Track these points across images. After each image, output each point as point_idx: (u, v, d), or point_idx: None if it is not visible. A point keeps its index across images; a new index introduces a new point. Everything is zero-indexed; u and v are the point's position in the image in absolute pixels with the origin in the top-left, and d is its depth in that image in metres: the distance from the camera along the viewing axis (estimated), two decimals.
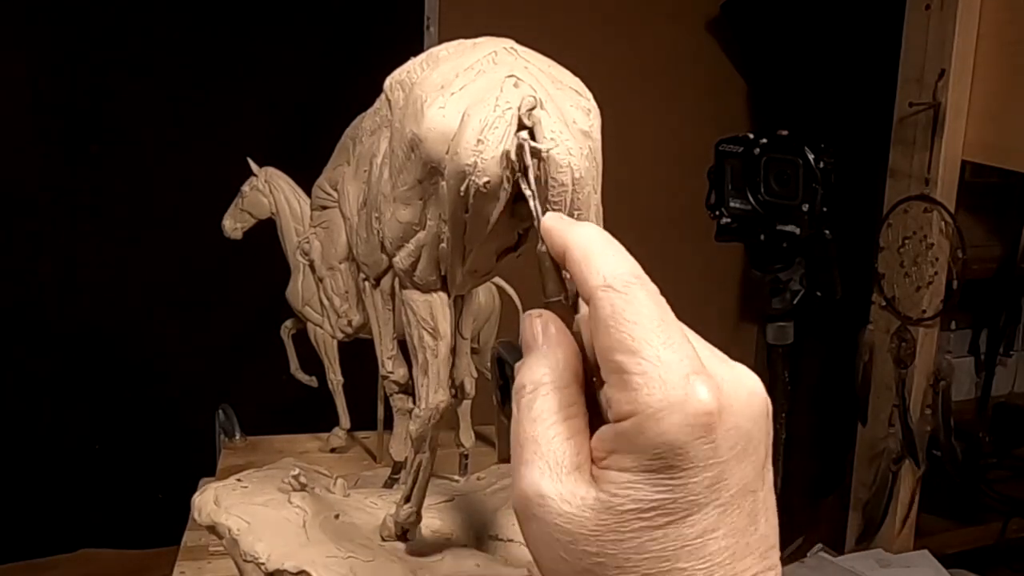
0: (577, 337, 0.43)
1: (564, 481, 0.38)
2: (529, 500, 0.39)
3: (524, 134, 0.54)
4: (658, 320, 0.38)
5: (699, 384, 0.37)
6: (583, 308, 0.42)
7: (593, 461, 0.39)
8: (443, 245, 0.64)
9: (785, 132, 1.45)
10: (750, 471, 0.38)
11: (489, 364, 0.54)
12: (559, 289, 0.44)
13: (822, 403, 2.51)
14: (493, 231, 0.60)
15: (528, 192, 0.50)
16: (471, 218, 0.60)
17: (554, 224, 0.43)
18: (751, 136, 1.45)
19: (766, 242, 1.44)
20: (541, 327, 0.43)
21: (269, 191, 1.35)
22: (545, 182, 0.56)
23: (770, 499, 0.40)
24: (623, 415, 0.37)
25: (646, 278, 0.40)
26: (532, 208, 0.48)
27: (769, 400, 0.40)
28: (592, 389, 0.41)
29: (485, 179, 0.57)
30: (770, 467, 0.40)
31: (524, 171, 0.53)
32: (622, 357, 0.37)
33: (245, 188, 1.37)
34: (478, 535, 0.86)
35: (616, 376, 0.38)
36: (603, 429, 0.39)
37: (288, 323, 1.40)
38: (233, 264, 1.81)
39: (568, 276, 0.43)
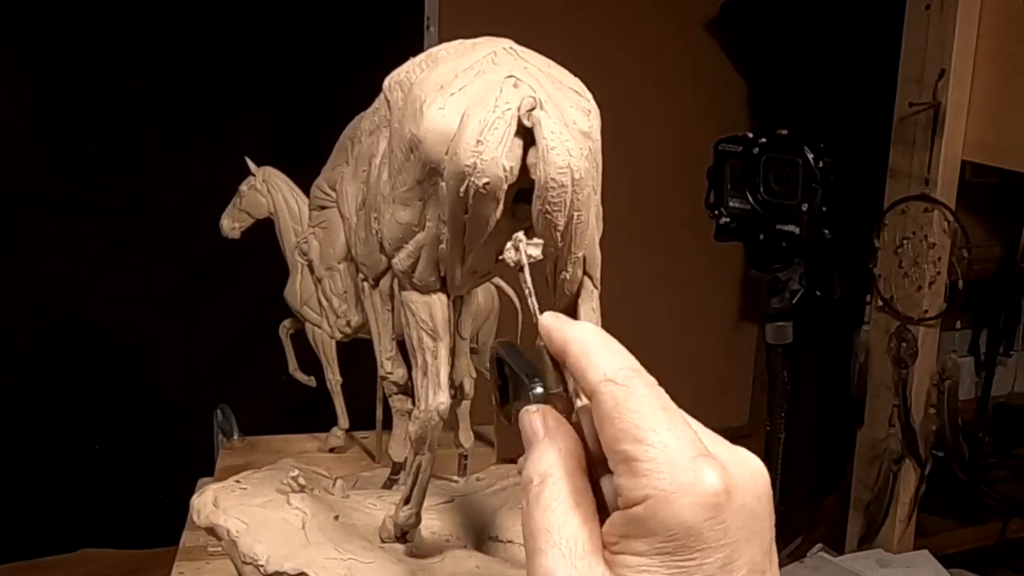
0: (577, 428, 0.44)
1: (579, 567, 0.39)
2: None
3: (521, 235, 0.55)
4: (660, 408, 0.40)
5: (706, 466, 0.38)
6: (581, 398, 0.43)
7: (605, 547, 0.40)
8: (442, 246, 0.64)
9: (784, 132, 1.45)
10: (758, 551, 0.39)
11: (488, 364, 0.54)
12: (558, 382, 0.45)
13: (823, 403, 2.50)
14: (492, 232, 0.60)
15: (526, 290, 0.52)
16: (470, 219, 0.60)
17: (552, 323, 0.45)
18: (750, 136, 1.45)
19: (765, 241, 1.44)
20: (540, 420, 0.44)
21: (267, 191, 1.35)
22: (545, 184, 0.56)
23: None
24: (634, 501, 0.38)
25: (644, 371, 0.42)
26: (530, 305, 0.49)
27: (769, 480, 0.41)
28: (595, 478, 0.43)
29: (485, 180, 0.57)
30: (775, 549, 0.41)
31: (521, 269, 0.54)
32: (629, 446, 0.39)
33: (243, 188, 1.37)
34: (478, 536, 0.86)
35: (624, 465, 0.39)
36: (614, 516, 0.40)
37: (286, 323, 1.40)
38: (231, 264, 1.81)
39: (566, 369, 0.44)
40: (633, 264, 2.46)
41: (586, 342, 0.43)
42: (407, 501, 0.79)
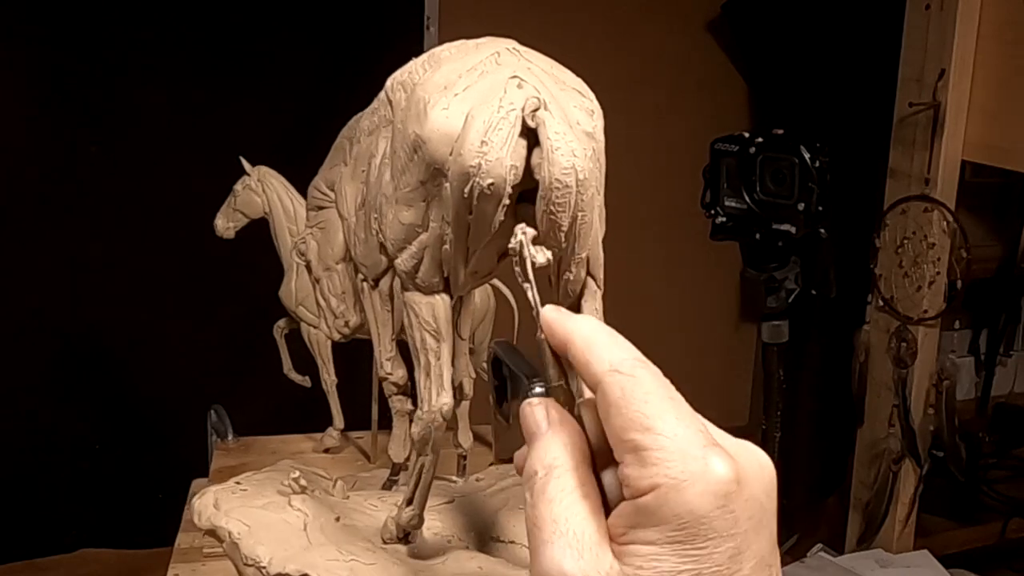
0: (579, 421, 0.44)
1: (586, 558, 0.39)
2: None
3: (524, 226, 0.55)
4: (667, 398, 0.39)
5: (716, 456, 0.38)
6: (584, 391, 0.43)
7: (612, 539, 0.39)
8: (446, 247, 0.64)
9: (781, 131, 1.45)
10: (766, 545, 0.39)
11: (485, 364, 0.54)
12: (559, 375, 0.45)
13: (823, 403, 2.50)
14: (496, 232, 0.60)
15: (526, 284, 0.52)
16: (474, 219, 0.60)
17: (554, 316, 0.45)
18: (747, 135, 1.44)
19: (762, 241, 1.43)
20: (544, 413, 0.43)
21: (262, 190, 1.35)
22: (549, 185, 0.56)
23: None
24: (643, 490, 0.38)
25: (648, 362, 0.41)
26: (531, 299, 0.49)
27: (775, 475, 0.41)
28: (596, 473, 0.42)
29: (489, 180, 0.57)
30: (777, 546, 0.41)
31: (523, 264, 0.54)
32: (637, 435, 0.38)
33: (238, 187, 1.36)
34: (480, 537, 0.86)
35: (632, 455, 0.38)
36: (621, 506, 0.39)
37: (281, 323, 1.39)
38: (226, 264, 1.80)
39: (567, 363, 0.44)
40: (635, 264, 2.46)
41: (590, 334, 0.42)
42: (409, 502, 0.79)
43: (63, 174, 2.07)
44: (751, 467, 0.39)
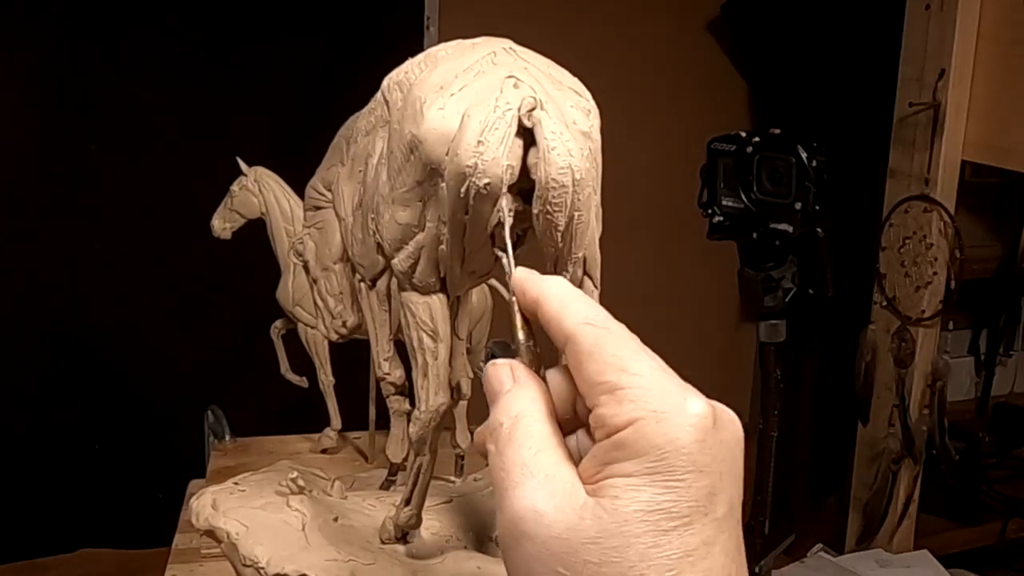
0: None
1: (559, 496, 0.38)
2: (522, 519, 0.38)
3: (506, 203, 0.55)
4: (640, 347, 0.39)
5: (693, 394, 0.38)
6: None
7: (584, 482, 0.38)
8: (442, 247, 0.64)
9: (778, 131, 1.45)
10: (735, 496, 0.39)
11: (482, 364, 0.54)
12: (529, 335, 0.45)
13: (822, 403, 2.50)
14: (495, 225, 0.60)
15: (501, 253, 0.52)
16: (471, 220, 0.60)
17: (526, 276, 0.45)
18: (743, 135, 1.44)
19: (759, 240, 1.43)
20: (508, 372, 0.43)
21: (259, 191, 1.34)
22: (546, 184, 0.56)
23: (742, 544, 0.40)
24: (620, 427, 0.37)
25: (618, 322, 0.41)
26: (505, 265, 0.50)
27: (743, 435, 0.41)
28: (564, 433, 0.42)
29: (485, 180, 0.57)
30: (740, 514, 0.40)
31: (501, 226, 0.54)
32: (612, 376, 0.38)
33: (234, 188, 1.36)
34: (478, 536, 0.86)
35: (608, 396, 0.38)
36: (594, 449, 0.38)
37: (278, 323, 1.39)
38: (223, 265, 1.81)
39: (537, 324, 0.44)
40: (632, 264, 2.46)
41: (563, 294, 0.42)
42: (407, 502, 0.79)
43: (63, 174, 2.07)
44: (724, 415, 0.39)
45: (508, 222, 0.55)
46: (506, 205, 0.55)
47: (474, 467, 1.18)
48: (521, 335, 0.45)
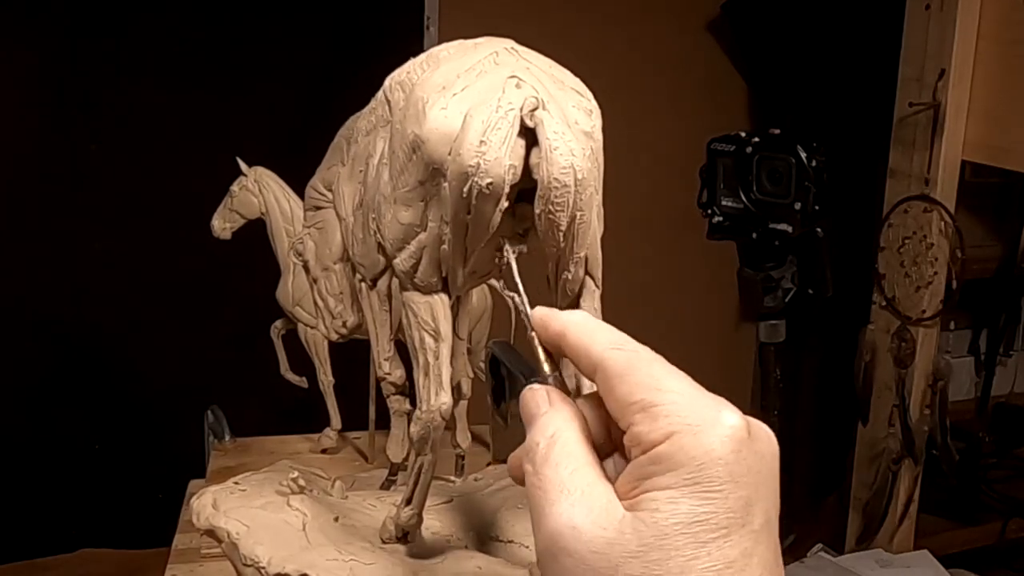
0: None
1: (595, 511, 0.38)
2: (560, 535, 0.38)
3: (510, 247, 0.56)
4: (670, 368, 0.40)
5: (728, 407, 0.39)
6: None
7: (621, 498, 0.39)
8: (444, 246, 0.64)
9: (777, 131, 1.45)
10: (772, 508, 0.39)
11: (483, 364, 0.54)
12: (554, 366, 0.45)
13: (822, 403, 2.50)
14: (494, 232, 0.60)
15: (513, 294, 0.52)
16: (473, 219, 0.60)
17: (547, 312, 0.45)
18: (743, 135, 1.45)
19: (758, 240, 1.44)
20: (544, 396, 0.44)
21: (259, 191, 1.35)
22: (548, 184, 0.56)
23: (780, 556, 0.40)
24: (656, 442, 0.38)
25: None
26: (519, 303, 0.50)
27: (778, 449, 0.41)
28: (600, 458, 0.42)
29: (488, 180, 0.57)
30: (778, 524, 0.40)
31: (509, 268, 0.55)
32: (646, 395, 0.39)
33: (234, 188, 1.36)
34: (478, 536, 0.86)
35: (642, 413, 0.38)
36: (630, 467, 0.39)
37: (278, 323, 1.39)
38: (223, 265, 1.80)
39: (561, 358, 0.45)
40: (633, 264, 2.46)
41: (585, 321, 0.43)
42: (408, 502, 0.79)
43: (63, 174, 2.07)
44: (759, 428, 0.40)
45: (515, 265, 0.55)
46: (511, 255, 0.56)
47: (474, 467, 1.18)
48: (547, 367, 0.45)
